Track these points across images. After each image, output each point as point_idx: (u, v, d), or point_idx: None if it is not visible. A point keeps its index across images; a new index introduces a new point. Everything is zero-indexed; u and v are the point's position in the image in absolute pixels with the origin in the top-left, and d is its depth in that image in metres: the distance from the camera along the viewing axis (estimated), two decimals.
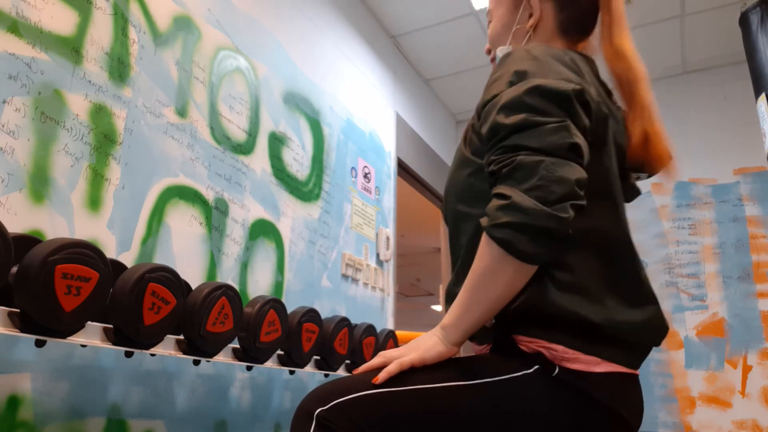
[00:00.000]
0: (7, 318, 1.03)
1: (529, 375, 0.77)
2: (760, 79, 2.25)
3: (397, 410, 0.75)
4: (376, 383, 0.75)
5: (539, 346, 0.78)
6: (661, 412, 3.31)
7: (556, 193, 0.71)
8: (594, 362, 0.77)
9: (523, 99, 0.76)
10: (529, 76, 0.79)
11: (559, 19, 0.98)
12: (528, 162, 0.72)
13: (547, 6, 0.98)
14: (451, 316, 0.79)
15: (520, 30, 1.00)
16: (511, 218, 0.71)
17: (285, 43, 2.42)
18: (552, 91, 0.76)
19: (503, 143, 0.76)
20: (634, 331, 0.79)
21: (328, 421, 0.73)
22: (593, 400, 0.76)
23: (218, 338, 1.38)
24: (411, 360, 0.77)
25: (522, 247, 0.72)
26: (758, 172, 3.42)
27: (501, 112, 0.77)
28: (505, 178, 0.74)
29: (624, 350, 0.79)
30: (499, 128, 0.76)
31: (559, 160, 0.73)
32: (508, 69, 0.82)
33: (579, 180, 0.73)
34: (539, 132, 0.74)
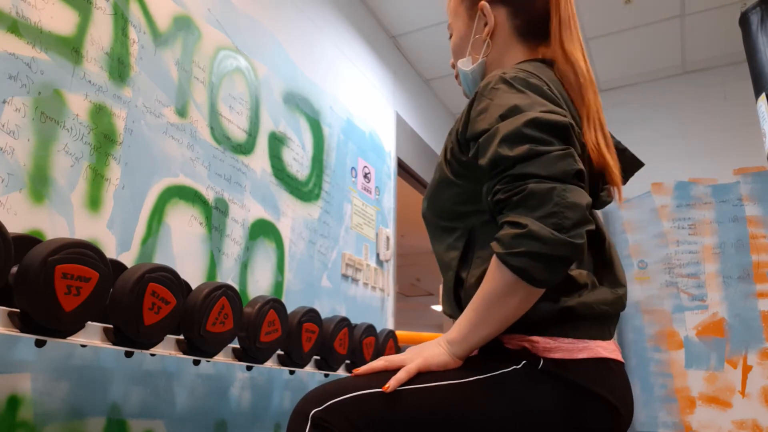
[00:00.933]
0: (7, 318, 1.03)
1: (518, 370, 0.79)
2: (760, 79, 2.25)
3: (391, 409, 0.76)
4: (386, 391, 0.76)
5: (522, 342, 0.81)
6: (661, 412, 3.31)
7: (570, 219, 0.72)
8: (575, 349, 0.79)
9: (523, 131, 0.77)
10: (523, 109, 0.80)
11: (515, 25, 0.99)
12: (540, 189, 0.73)
13: (501, 13, 1.00)
14: (459, 332, 0.81)
15: (477, 40, 1.02)
16: (529, 248, 0.72)
17: (285, 43, 2.42)
18: (550, 123, 0.78)
19: (509, 173, 0.76)
20: (598, 303, 0.84)
21: (324, 421, 0.74)
22: (579, 386, 0.78)
23: (218, 338, 1.38)
24: (417, 366, 0.79)
25: (538, 275, 0.73)
26: (758, 172, 3.42)
27: (503, 145, 0.78)
28: (517, 206, 0.74)
29: (595, 323, 0.83)
30: (503, 159, 0.77)
31: (569, 186, 0.74)
32: (496, 102, 0.83)
33: (588, 204, 0.74)
34: (546, 160, 0.75)
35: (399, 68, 3.56)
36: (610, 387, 0.80)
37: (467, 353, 0.81)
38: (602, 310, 0.84)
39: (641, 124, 3.84)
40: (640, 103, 3.88)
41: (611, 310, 0.85)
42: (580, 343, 0.80)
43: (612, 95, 3.99)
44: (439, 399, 0.77)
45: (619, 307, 0.87)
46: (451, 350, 0.81)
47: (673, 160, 3.66)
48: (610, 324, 0.87)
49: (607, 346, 0.83)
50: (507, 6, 0.99)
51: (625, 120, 3.88)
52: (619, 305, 0.87)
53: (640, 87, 3.92)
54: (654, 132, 3.78)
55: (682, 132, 3.70)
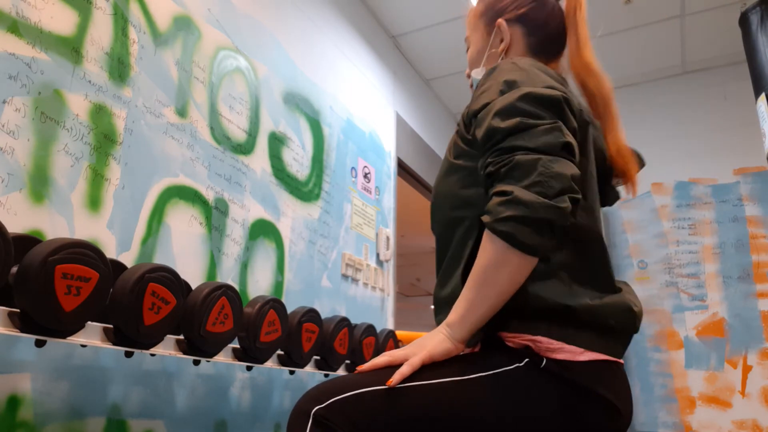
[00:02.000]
0: (7, 318, 1.03)
1: (521, 368, 0.79)
2: (760, 79, 2.25)
3: (393, 407, 0.76)
4: (390, 386, 0.76)
5: (525, 340, 0.81)
6: (661, 412, 3.31)
7: (554, 188, 0.74)
8: (578, 351, 0.79)
9: (516, 105, 0.80)
10: (519, 85, 0.84)
11: (529, 43, 1.05)
12: (525, 160, 0.76)
13: (517, 31, 1.06)
14: (457, 314, 0.80)
15: (493, 54, 1.07)
16: (514, 212, 0.74)
17: (285, 43, 2.42)
18: (543, 97, 0.81)
19: (499, 146, 0.80)
20: (604, 315, 0.82)
21: (326, 419, 0.74)
22: (581, 387, 0.78)
23: (218, 338, 1.38)
24: (421, 359, 0.79)
25: (525, 239, 0.74)
26: (758, 172, 3.42)
27: (496, 118, 0.81)
28: (504, 177, 0.77)
29: (600, 336, 0.82)
30: (495, 132, 0.80)
31: (555, 158, 0.76)
32: (497, 79, 0.87)
33: (574, 175, 0.77)
34: (533, 133, 0.78)
35: (399, 68, 3.56)
36: (611, 388, 0.80)
37: (468, 335, 0.81)
38: (608, 324, 0.82)
39: (641, 124, 3.84)
40: (640, 103, 3.88)
41: (619, 327, 0.83)
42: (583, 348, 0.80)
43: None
44: (441, 396, 0.77)
45: (628, 325, 0.84)
46: (451, 334, 0.81)
47: (673, 160, 3.66)
48: (618, 343, 0.84)
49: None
50: (523, 25, 1.06)
51: (625, 120, 3.84)
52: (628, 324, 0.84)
53: (640, 87, 3.92)
54: (654, 132, 3.78)
55: (682, 132, 3.70)
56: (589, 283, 0.84)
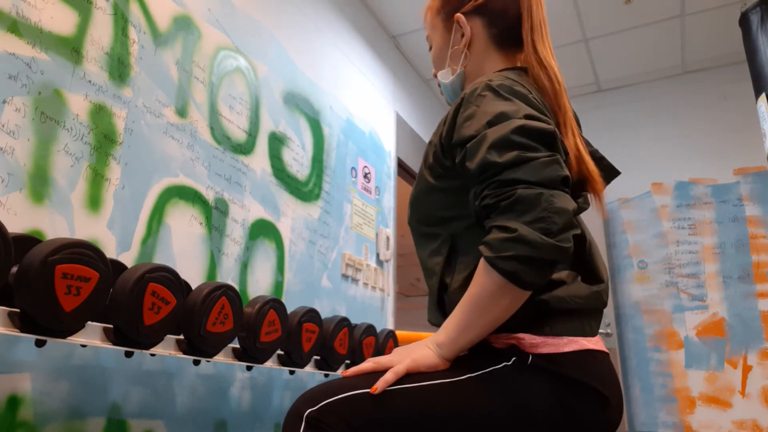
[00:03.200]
0: (7, 318, 1.03)
1: (508, 366, 0.81)
2: (760, 79, 2.25)
3: (385, 408, 0.77)
4: (374, 393, 0.77)
5: (509, 340, 0.82)
6: (661, 412, 3.31)
7: (558, 224, 0.74)
8: (561, 343, 0.81)
9: (511, 138, 0.79)
10: (510, 116, 0.82)
11: (491, 34, 1.01)
12: (528, 195, 0.75)
13: (476, 23, 1.02)
14: (448, 335, 0.82)
15: (456, 51, 1.04)
16: (518, 252, 0.74)
17: (285, 43, 2.42)
18: (537, 130, 0.81)
19: (497, 178, 0.78)
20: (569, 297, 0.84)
21: (318, 420, 0.75)
22: (569, 378, 0.79)
23: (218, 338, 1.38)
24: (406, 367, 0.80)
25: (527, 278, 0.75)
26: (758, 172, 3.42)
27: (491, 151, 0.79)
28: (505, 211, 0.76)
29: (572, 319, 0.84)
30: (491, 165, 0.79)
31: (556, 192, 0.76)
32: (483, 109, 0.85)
33: (574, 210, 0.77)
34: (533, 166, 0.77)
35: (399, 68, 3.55)
36: (598, 377, 0.81)
37: (455, 355, 0.82)
38: (576, 304, 0.84)
39: (641, 124, 3.84)
40: (640, 103, 3.88)
41: (586, 304, 0.85)
42: (565, 338, 0.82)
43: (612, 95, 3.99)
44: (432, 397, 0.78)
45: (594, 302, 0.87)
46: (439, 352, 0.82)
47: (673, 160, 3.66)
48: (590, 319, 0.87)
49: (591, 338, 0.85)
50: (482, 16, 1.01)
51: (626, 120, 3.88)
52: (594, 300, 0.87)
53: (640, 87, 3.92)
54: (654, 132, 3.78)
55: (682, 132, 3.70)
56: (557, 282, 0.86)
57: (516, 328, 0.82)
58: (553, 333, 0.81)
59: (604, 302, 0.89)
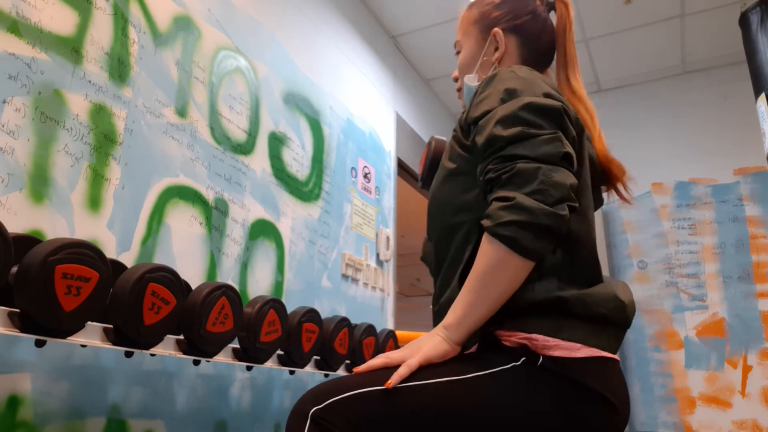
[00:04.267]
0: (7, 318, 1.03)
1: (518, 366, 0.80)
2: (760, 79, 2.25)
3: (390, 407, 0.77)
4: (388, 387, 0.77)
5: (521, 339, 0.82)
6: (661, 412, 3.31)
7: (554, 196, 0.77)
8: (574, 348, 0.80)
9: (518, 114, 0.83)
10: (520, 94, 0.86)
11: (522, 53, 1.08)
12: (527, 169, 0.78)
13: (512, 41, 1.08)
14: (454, 316, 0.81)
15: (486, 62, 1.09)
16: (516, 217, 0.76)
17: (285, 43, 2.42)
18: (544, 107, 0.84)
19: (500, 153, 0.82)
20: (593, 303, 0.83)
21: (323, 419, 0.75)
22: (578, 384, 0.79)
23: (218, 338, 1.38)
24: (418, 360, 0.80)
25: (526, 243, 0.77)
26: (758, 172, 3.42)
27: (497, 126, 0.83)
28: (506, 184, 0.79)
29: (593, 330, 0.83)
30: (496, 140, 0.82)
31: (554, 167, 0.79)
32: (497, 88, 0.89)
33: (572, 185, 0.79)
34: (534, 143, 0.81)
35: (399, 68, 3.55)
36: (608, 385, 0.80)
37: (465, 337, 0.81)
38: (598, 313, 0.83)
39: (641, 124, 3.84)
40: (640, 103, 3.87)
41: (610, 316, 0.84)
42: (578, 343, 0.81)
43: (612, 95, 3.99)
44: (438, 395, 0.78)
45: (619, 316, 0.85)
46: (448, 335, 0.81)
47: (673, 160, 3.66)
48: (610, 333, 0.85)
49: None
50: (518, 35, 1.08)
51: (626, 120, 3.88)
52: (619, 315, 0.85)
53: (640, 87, 3.92)
54: (654, 132, 3.78)
55: (682, 132, 3.70)
56: (578, 283, 0.85)
57: (531, 327, 0.81)
58: (570, 339, 0.80)
59: (629, 321, 0.88)
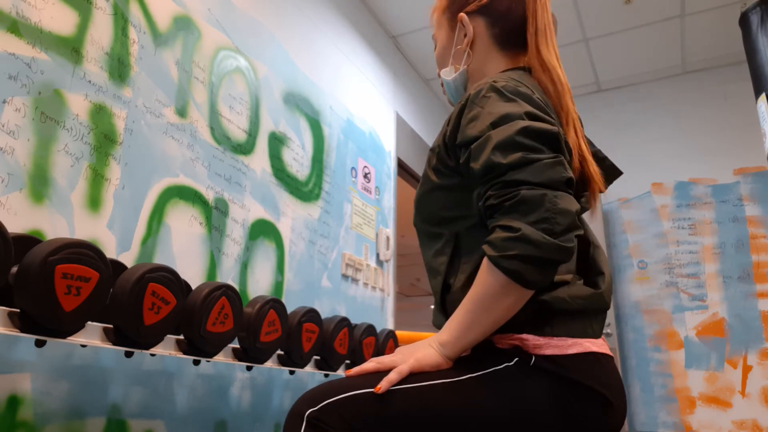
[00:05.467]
0: (7, 318, 1.03)
1: (511, 366, 0.81)
2: (760, 79, 2.25)
3: (386, 408, 0.77)
4: (378, 392, 0.77)
5: (513, 340, 0.82)
6: (661, 412, 3.31)
7: (561, 225, 0.75)
8: (565, 345, 0.81)
9: (516, 139, 0.80)
10: (514, 117, 0.82)
11: (493, 35, 1.02)
12: (532, 196, 0.76)
13: (479, 24, 1.02)
14: (451, 334, 0.82)
15: (458, 50, 1.05)
16: (521, 251, 0.74)
17: (285, 43, 2.42)
18: (541, 131, 0.81)
19: (501, 179, 0.79)
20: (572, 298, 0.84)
21: (319, 420, 0.75)
22: (572, 381, 0.79)
23: (218, 338, 1.38)
24: (410, 367, 0.80)
25: (530, 277, 0.75)
26: (758, 172, 3.42)
27: (496, 152, 0.80)
28: (510, 211, 0.77)
29: (575, 320, 0.84)
30: (495, 166, 0.80)
31: (560, 193, 0.77)
32: (487, 110, 0.85)
33: (577, 211, 0.78)
34: (537, 168, 0.78)
35: (399, 68, 3.55)
36: (601, 381, 0.81)
37: (459, 354, 0.83)
38: (578, 305, 0.84)
39: (641, 124, 3.84)
40: (640, 103, 3.87)
41: (588, 305, 0.85)
42: (569, 340, 0.81)
43: (612, 95, 3.99)
44: (434, 397, 0.78)
45: (597, 302, 0.87)
46: (442, 351, 0.82)
47: (673, 160, 3.66)
48: (592, 321, 0.86)
49: (595, 341, 0.85)
50: (485, 16, 1.02)
51: (625, 120, 3.88)
52: (596, 300, 0.87)
53: (640, 87, 3.92)
54: (654, 132, 3.78)
55: (682, 132, 3.70)
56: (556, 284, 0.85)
57: (518, 329, 0.82)
58: (553, 334, 0.81)
59: (607, 304, 0.89)
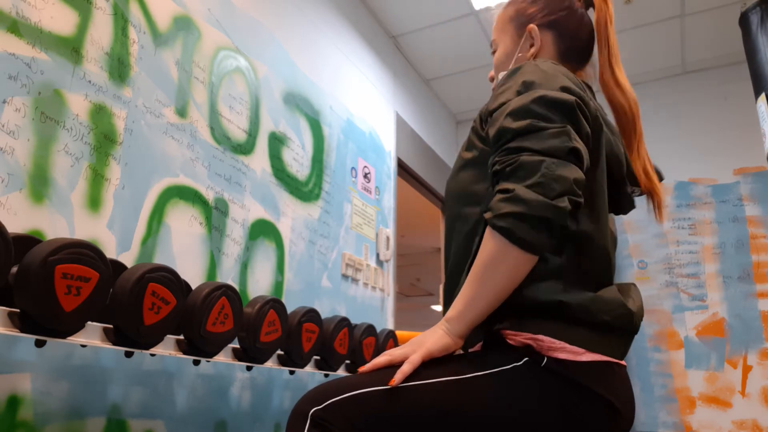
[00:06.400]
0: (7, 318, 1.03)
1: (520, 366, 0.80)
2: (760, 79, 2.25)
3: (391, 407, 0.76)
4: (392, 386, 0.76)
5: (526, 339, 0.81)
6: (661, 412, 3.31)
7: (555, 190, 0.76)
8: (579, 352, 0.79)
9: (530, 107, 0.82)
10: (535, 86, 0.85)
11: (558, 49, 1.06)
12: (530, 161, 0.77)
13: (548, 37, 1.06)
14: (456, 309, 0.81)
15: (521, 58, 1.07)
16: (513, 208, 0.76)
17: (285, 43, 2.42)
18: (556, 101, 0.82)
19: (507, 145, 0.81)
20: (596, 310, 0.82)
21: (323, 420, 0.74)
22: (582, 387, 0.78)
23: (218, 338, 1.38)
24: (421, 356, 0.80)
25: (522, 234, 0.76)
26: (758, 172, 3.42)
27: (508, 118, 0.82)
28: (509, 176, 0.79)
29: (597, 335, 0.82)
30: (506, 132, 0.82)
31: (559, 161, 0.78)
32: (516, 80, 0.88)
33: (577, 179, 0.77)
34: (541, 136, 0.79)
35: (399, 68, 3.55)
36: (613, 390, 0.80)
37: (466, 330, 0.81)
38: (602, 321, 0.81)
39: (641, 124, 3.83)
40: (640, 103, 3.85)
41: (613, 323, 0.82)
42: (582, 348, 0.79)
43: None
44: (438, 395, 0.77)
45: (624, 322, 0.83)
46: (450, 329, 0.81)
47: (673, 160, 3.66)
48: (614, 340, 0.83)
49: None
50: (554, 31, 1.06)
51: None
52: (625, 322, 0.83)
53: (640, 87, 3.92)
54: (654, 132, 3.78)
55: (682, 132, 3.70)
56: (584, 286, 0.83)
57: (535, 328, 0.80)
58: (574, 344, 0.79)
59: (635, 327, 0.85)
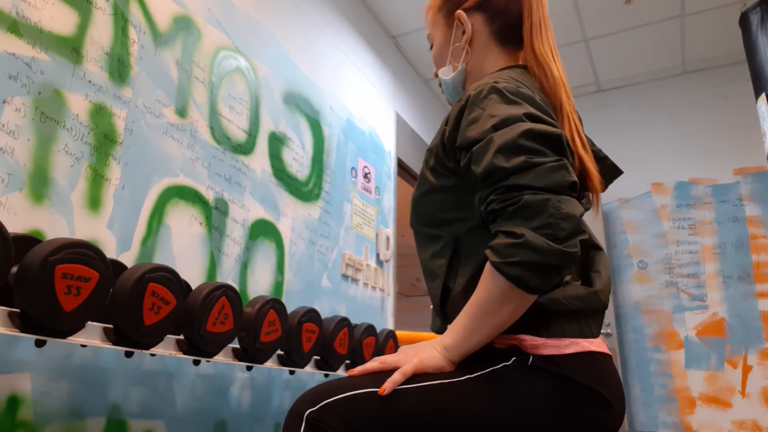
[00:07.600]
0: (7, 318, 1.03)
1: (508, 366, 0.81)
2: (760, 79, 2.25)
3: (386, 409, 0.77)
4: (382, 394, 0.77)
5: (510, 341, 0.83)
6: (661, 412, 3.31)
7: (565, 230, 0.74)
8: (562, 345, 0.81)
9: (518, 142, 0.78)
10: (517, 120, 0.80)
11: (492, 31, 1.01)
12: (535, 201, 0.75)
13: (477, 20, 1.01)
14: (454, 339, 0.82)
15: (456, 48, 1.03)
16: (524, 257, 0.74)
17: (285, 43, 2.42)
18: (544, 134, 0.79)
19: (503, 183, 0.78)
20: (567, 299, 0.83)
21: (318, 421, 0.75)
22: (570, 380, 0.79)
23: (218, 338, 1.38)
24: (413, 368, 0.81)
25: (533, 283, 0.75)
26: (758, 172, 3.42)
27: (498, 156, 0.78)
28: (512, 216, 0.76)
29: (571, 320, 0.83)
30: (498, 170, 0.78)
31: (563, 198, 0.76)
32: (488, 112, 0.83)
33: (581, 215, 0.77)
34: (540, 172, 0.76)
35: (399, 68, 3.55)
36: (599, 380, 0.81)
37: (462, 358, 0.83)
38: (574, 306, 0.83)
39: (641, 124, 3.84)
40: (640, 103, 3.87)
41: (584, 305, 0.85)
42: (566, 340, 0.81)
43: (612, 95, 3.99)
44: (433, 398, 0.78)
45: (593, 302, 0.86)
46: (446, 355, 0.82)
47: (673, 160, 3.66)
48: (589, 321, 0.85)
49: (593, 340, 0.84)
50: (483, 12, 1.01)
51: (625, 120, 3.88)
52: (593, 300, 0.86)
53: (640, 87, 3.92)
54: (654, 132, 3.78)
55: (682, 132, 3.70)
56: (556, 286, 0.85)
57: (515, 330, 0.82)
58: (550, 335, 0.81)
59: (604, 303, 0.88)
